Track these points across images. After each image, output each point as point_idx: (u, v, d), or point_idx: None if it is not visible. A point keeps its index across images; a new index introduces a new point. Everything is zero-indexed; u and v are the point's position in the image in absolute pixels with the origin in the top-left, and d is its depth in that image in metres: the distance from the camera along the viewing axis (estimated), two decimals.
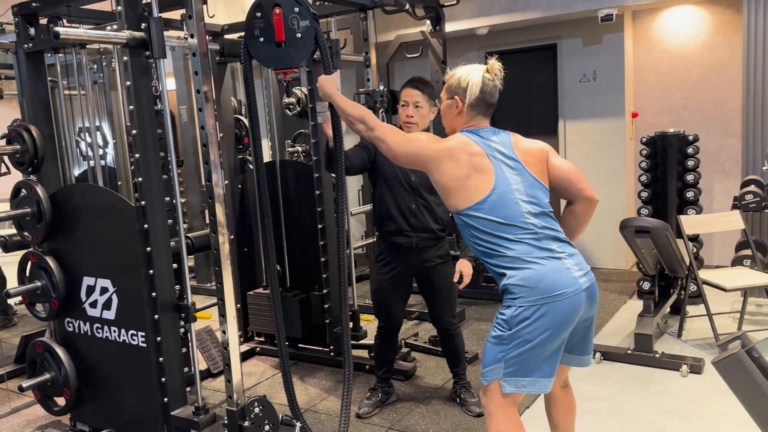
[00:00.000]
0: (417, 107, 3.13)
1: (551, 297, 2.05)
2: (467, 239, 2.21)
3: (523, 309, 2.05)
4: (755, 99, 4.91)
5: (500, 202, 2.12)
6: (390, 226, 3.20)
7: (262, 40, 2.65)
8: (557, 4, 5.51)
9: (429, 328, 4.71)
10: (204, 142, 2.71)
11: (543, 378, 2.11)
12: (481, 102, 2.24)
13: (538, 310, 2.04)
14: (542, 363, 2.10)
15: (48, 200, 3.01)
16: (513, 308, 2.07)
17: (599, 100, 5.95)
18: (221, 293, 2.79)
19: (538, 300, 2.05)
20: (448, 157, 2.16)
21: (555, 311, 2.05)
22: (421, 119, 3.15)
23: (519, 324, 2.06)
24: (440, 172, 2.16)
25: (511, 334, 2.07)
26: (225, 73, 4.16)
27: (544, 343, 2.06)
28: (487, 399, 2.17)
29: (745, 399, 1.84)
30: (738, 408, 2.06)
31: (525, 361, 2.08)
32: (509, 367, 2.08)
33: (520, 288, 2.07)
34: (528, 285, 2.06)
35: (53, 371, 3.15)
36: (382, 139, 2.24)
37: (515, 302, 2.07)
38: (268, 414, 2.87)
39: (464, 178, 2.14)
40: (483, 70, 2.25)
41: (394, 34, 5.88)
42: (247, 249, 4.33)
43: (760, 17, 4.80)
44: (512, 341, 2.07)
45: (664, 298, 4.29)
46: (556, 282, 2.07)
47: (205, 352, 4.03)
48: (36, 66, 3.15)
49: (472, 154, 2.16)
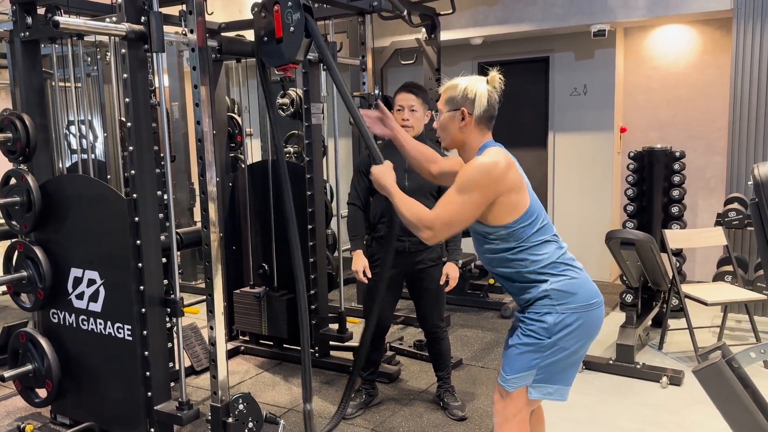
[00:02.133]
0: (412, 111, 3.20)
1: (589, 305, 2.08)
2: (498, 253, 2.11)
3: (566, 316, 2.06)
4: (741, 119, 5.00)
5: (538, 210, 2.12)
6: (384, 231, 3.23)
7: (266, 39, 2.67)
8: (551, 18, 5.58)
9: (414, 332, 4.73)
10: (199, 138, 2.72)
11: (567, 386, 2.13)
12: (487, 114, 2.15)
13: (579, 318, 2.07)
14: (569, 371, 2.13)
15: (38, 190, 3.01)
16: (555, 315, 2.05)
17: (589, 113, 6.03)
18: (210, 289, 2.79)
19: (578, 308, 2.07)
20: (509, 169, 2.06)
21: (590, 319, 2.09)
22: (417, 122, 3.21)
23: (561, 331, 2.05)
24: (508, 191, 2.05)
25: (552, 341, 2.06)
26: (220, 71, 4.17)
27: (577, 351, 2.10)
28: (506, 404, 2.13)
29: (724, 408, 1.88)
30: (716, 419, 2.10)
31: (556, 369, 2.09)
32: (540, 374, 2.08)
33: (563, 294, 2.07)
34: (570, 291, 2.07)
35: (36, 362, 3.13)
36: (448, 225, 2.04)
37: (556, 308, 2.06)
38: (253, 411, 2.87)
39: (517, 191, 2.07)
40: (485, 81, 2.18)
41: (389, 40, 5.93)
42: (236, 247, 4.34)
43: (749, 39, 4.90)
44: (551, 348, 2.06)
45: (647, 311, 4.35)
46: (591, 290, 2.11)
47: (190, 350, 4.02)
48: (32, 55, 3.14)
49: (516, 168, 2.10)
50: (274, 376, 4.01)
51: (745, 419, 1.83)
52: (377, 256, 3.31)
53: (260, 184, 4.17)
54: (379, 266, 3.27)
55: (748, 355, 1.91)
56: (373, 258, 3.33)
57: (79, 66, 3.28)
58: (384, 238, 3.23)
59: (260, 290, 4.15)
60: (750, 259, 4.79)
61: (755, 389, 1.86)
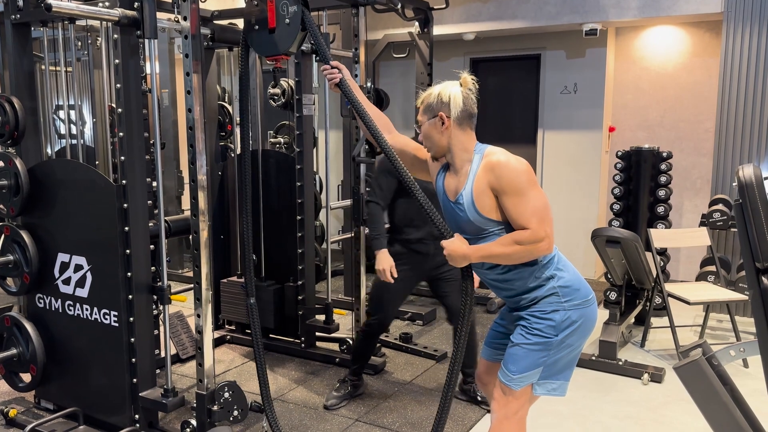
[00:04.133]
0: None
1: (588, 301, 2.13)
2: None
3: (571, 312, 2.08)
4: (728, 120, 5.06)
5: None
6: (411, 234, 3.26)
7: (257, 27, 2.67)
8: (544, 16, 5.61)
9: (400, 325, 4.76)
10: (190, 125, 2.72)
11: (567, 381, 2.17)
12: (465, 113, 2.15)
13: (582, 314, 2.10)
14: (571, 366, 2.16)
15: (26, 174, 2.99)
16: (562, 312, 2.08)
17: (578, 112, 6.07)
18: (198, 277, 2.79)
19: (581, 304, 2.10)
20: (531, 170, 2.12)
21: (590, 314, 2.13)
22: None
23: (567, 328, 2.08)
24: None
25: (560, 339, 2.08)
26: (212, 59, 4.15)
27: (579, 347, 2.13)
28: (508, 401, 2.14)
29: (703, 405, 1.92)
30: (695, 416, 2.14)
31: (560, 365, 2.12)
32: (546, 371, 2.11)
33: (569, 290, 2.09)
34: (574, 287, 2.11)
35: (20, 347, 3.12)
36: (543, 220, 2.02)
37: (564, 305, 2.08)
38: (238, 399, 2.89)
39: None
40: (457, 84, 2.18)
41: (382, 33, 5.92)
42: (224, 237, 4.33)
43: (738, 42, 4.95)
44: (559, 345, 2.09)
45: (630, 309, 4.41)
46: (587, 286, 2.15)
47: (175, 338, 4.02)
48: (22, 38, 3.11)
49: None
50: None
51: (724, 416, 1.87)
52: (403, 257, 3.27)
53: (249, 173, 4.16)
54: (401, 266, 3.23)
55: (727, 353, 1.95)
56: (397, 257, 3.24)
57: (70, 50, 3.25)
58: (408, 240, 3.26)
59: None
60: (733, 260, 4.87)
61: (734, 386, 1.90)
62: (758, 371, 1.98)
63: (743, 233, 1.79)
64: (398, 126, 7.63)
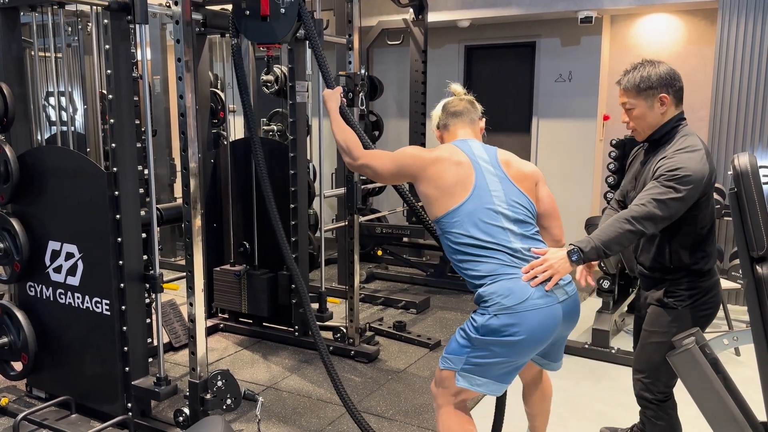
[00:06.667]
0: (629, 110, 2.42)
1: (524, 309, 2.01)
2: (445, 247, 2.21)
3: (493, 318, 2.01)
4: (722, 109, 5.06)
5: (478, 207, 2.12)
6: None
7: (249, 13, 2.64)
8: (539, 3, 5.57)
9: (394, 313, 4.76)
10: (182, 112, 2.69)
11: (500, 383, 2.12)
12: (444, 116, 2.43)
13: (510, 323, 2.00)
14: (504, 372, 2.10)
15: (16, 161, 2.96)
16: (487, 316, 2.03)
17: (573, 100, 6.05)
18: (191, 265, 2.78)
19: (509, 310, 2.00)
20: (435, 163, 2.20)
21: (527, 324, 2.01)
22: (639, 122, 2.41)
23: (489, 335, 2.03)
24: (427, 179, 2.19)
25: (480, 339, 2.04)
26: (204, 45, 4.11)
27: (510, 357, 2.06)
28: (438, 392, 2.18)
29: (696, 392, 1.93)
30: (687, 405, 2.15)
31: (486, 367, 2.08)
32: (468, 365, 2.08)
33: (493, 296, 2.03)
34: (502, 293, 2.02)
35: (11, 335, 3.10)
36: (367, 165, 2.32)
37: (489, 310, 2.03)
38: (231, 388, 2.88)
39: (450, 184, 2.16)
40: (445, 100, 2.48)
41: (376, 19, 5.88)
42: (216, 225, 4.31)
43: (733, 30, 4.94)
44: (478, 346, 2.05)
45: (623, 297, 4.42)
46: (526, 293, 2.02)
47: (168, 326, 4.00)
48: (11, 23, 3.07)
49: (459, 163, 2.20)
50: (254, 354, 4.02)
51: (716, 403, 1.88)
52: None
53: (242, 161, 4.14)
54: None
55: (720, 341, 1.95)
56: None
57: (60, 36, 3.21)
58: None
59: (240, 268, 4.13)
60: (726, 249, 4.88)
61: (726, 375, 1.91)
62: (751, 359, 1.99)
63: (738, 222, 1.79)
64: (392, 114, 7.62)
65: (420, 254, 6.17)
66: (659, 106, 2.28)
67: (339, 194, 4.66)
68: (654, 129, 2.34)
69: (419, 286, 5.53)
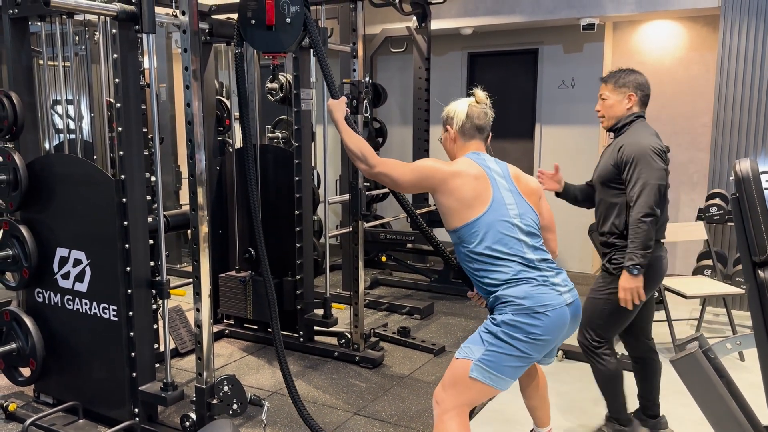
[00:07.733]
0: (602, 99, 2.89)
1: (541, 311, 2.15)
2: (461, 255, 2.30)
3: (512, 316, 2.15)
4: (725, 115, 5.08)
5: (495, 219, 2.23)
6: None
7: (254, 22, 2.68)
8: (541, 10, 5.61)
9: (398, 319, 4.78)
10: (189, 120, 2.72)
11: (509, 378, 2.21)
12: (469, 125, 2.41)
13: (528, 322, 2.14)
14: (515, 367, 2.20)
15: (25, 168, 2.99)
16: (507, 315, 2.16)
17: (576, 107, 6.07)
18: (197, 271, 2.80)
19: (528, 310, 2.14)
20: (455, 176, 2.26)
21: (544, 323, 2.15)
22: (607, 110, 2.87)
23: (510, 330, 2.15)
24: (447, 192, 2.26)
25: (503, 332, 2.15)
26: (210, 54, 4.15)
27: (526, 353, 2.16)
28: (446, 395, 2.22)
29: (699, 397, 1.93)
30: (690, 409, 2.16)
31: (501, 362, 2.16)
32: (486, 356, 2.16)
33: (511, 298, 2.17)
34: (519, 296, 2.16)
35: (20, 341, 3.13)
36: (385, 174, 2.31)
37: (506, 309, 2.17)
38: (237, 393, 2.90)
39: (470, 197, 2.24)
40: (470, 100, 2.46)
41: (379, 27, 5.92)
42: (222, 231, 4.34)
43: (735, 37, 4.96)
44: (500, 339, 2.16)
45: None
46: (541, 296, 2.17)
47: (174, 332, 4.03)
48: (20, 33, 3.11)
49: (477, 177, 2.28)
50: (259, 359, 4.04)
51: (720, 408, 1.89)
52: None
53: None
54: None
55: (724, 346, 1.96)
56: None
57: (68, 45, 3.25)
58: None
59: (246, 274, 4.16)
60: (729, 254, 4.89)
61: (730, 379, 1.91)
62: (754, 364, 2.00)
63: (740, 227, 1.81)
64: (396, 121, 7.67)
65: (424, 260, 6.19)
66: (627, 101, 2.78)
67: (343, 201, 4.69)
68: (618, 119, 2.82)
69: (423, 291, 5.54)
